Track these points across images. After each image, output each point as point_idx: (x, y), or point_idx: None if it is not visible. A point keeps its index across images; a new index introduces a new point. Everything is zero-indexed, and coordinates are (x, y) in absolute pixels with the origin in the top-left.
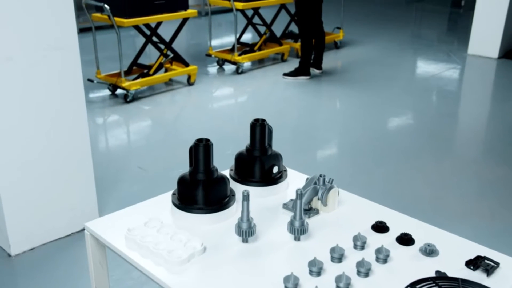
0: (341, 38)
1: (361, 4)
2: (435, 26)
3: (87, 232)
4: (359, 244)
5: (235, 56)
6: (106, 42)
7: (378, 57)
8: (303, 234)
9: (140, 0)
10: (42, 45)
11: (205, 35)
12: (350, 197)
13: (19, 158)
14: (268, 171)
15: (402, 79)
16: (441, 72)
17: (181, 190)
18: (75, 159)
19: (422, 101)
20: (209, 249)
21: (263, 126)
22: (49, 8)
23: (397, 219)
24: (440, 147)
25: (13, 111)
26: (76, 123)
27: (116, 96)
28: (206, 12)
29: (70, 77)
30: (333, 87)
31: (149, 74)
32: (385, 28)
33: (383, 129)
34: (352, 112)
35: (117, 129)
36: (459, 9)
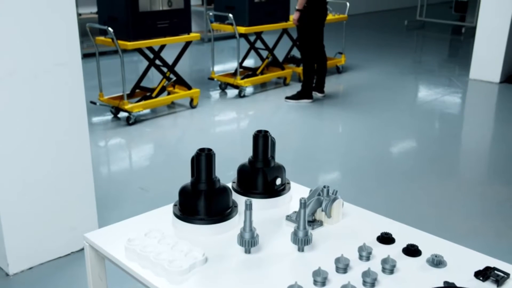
0: (343, 63)
1: (362, 30)
2: (436, 53)
3: (86, 243)
4: (365, 255)
5: (237, 80)
6: (110, 67)
7: (379, 82)
8: (307, 244)
9: (143, 23)
10: (45, 61)
11: (207, 61)
12: (354, 210)
13: (20, 175)
14: (271, 183)
15: (404, 102)
16: (443, 96)
17: (183, 201)
18: (76, 178)
19: (424, 124)
20: (211, 260)
21: (266, 137)
22: (52, 25)
23: (403, 231)
24: (444, 168)
25: (14, 127)
26: (78, 141)
27: (118, 119)
28: (209, 39)
29: (73, 94)
30: (336, 110)
31: (152, 96)
32: (386, 54)
33: (386, 150)
34: (354, 134)
35: (119, 150)
36: (460, 36)
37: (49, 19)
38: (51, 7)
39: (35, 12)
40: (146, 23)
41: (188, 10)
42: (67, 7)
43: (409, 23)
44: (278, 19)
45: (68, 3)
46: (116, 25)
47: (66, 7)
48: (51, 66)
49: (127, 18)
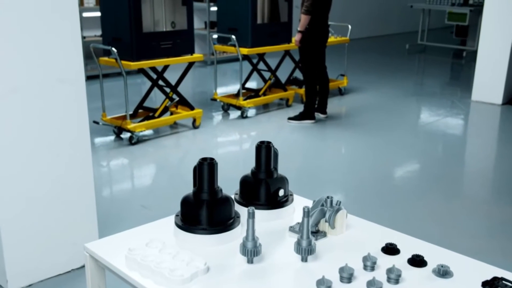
0: (345, 84)
1: (364, 54)
2: (438, 76)
3: (86, 253)
4: (369, 265)
5: (240, 101)
6: (113, 89)
7: (382, 103)
8: (310, 254)
9: (147, 44)
10: (49, 77)
11: (210, 83)
12: (358, 221)
13: (21, 191)
14: (274, 194)
15: (406, 123)
16: (445, 117)
17: (185, 210)
18: (78, 195)
19: (427, 144)
20: (213, 269)
21: (268, 148)
22: (56, 41)
23: (408, 242)
24: (448, 188)
25: (17, 143)
26: (81, 157)
27: (121, 139)
28: (212, 61)
29: (76, 110)
30: (338, 131)
31: (155, 116)
32: (388, 77)
33: (389, 170)
34: (357, 154)
35: (121, 169)
36: (461, 60)
37: (53, 36)
38: (55, 23)
39: (38, 28)
40: (149, 43)
41: (191, 31)
42: (71, 24)
43: (410, 47)
44: (280, 41)
45: (72, 20)
46: (120, 45)
47: (70, 24)
48: (55, 82)
49: (131, 39)
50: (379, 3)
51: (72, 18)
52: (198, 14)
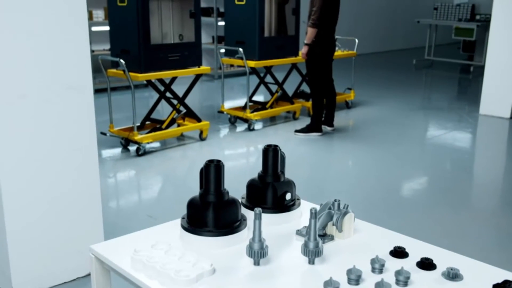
0: (352, 98)
1: (370, 68)
2: (445, 90)
3: (92, 255)
4: (377, 267)
5: (247, 113)
6: (121, 102)
7: (389, 117)
8: (318, 256)
9: (154, 56)
10: (57, 84)
11: (218, 97)
12: (365, 225)
13: (28, 198)
14: (281, 198)
15: (414, 136)
16: (453, 131)
17: (191, 213)
18: (84, 202)
19: (435, 157)
20: (219, 271)
21: (275, 151)
22: (64, 48)
23: (417, 246)
24: (456, 200)
25: (24, 151)
26: (88, 164)
27: (128, 151)
28: (219, 76)
29: (84, 117)
30: (345, 143)
31: (162, 128)
32: (395, 91)
33: (396, 182)
34: (364, 166)
35: (128, 180)
36: (468, 75)
37: (61, 42)
38: (64, 31)
39: (47, 34)
40: (157, 55)
41: (199, 44)
42: (80, 30)
43: (417, 62)
44: (287, 54)
45: (81, 27)
46: (128, 57)
47: (78, 31)
48: (63, 89)
49: (139, 51)
50: (385, 19)
51: (81, 26)
52: (206, 29)
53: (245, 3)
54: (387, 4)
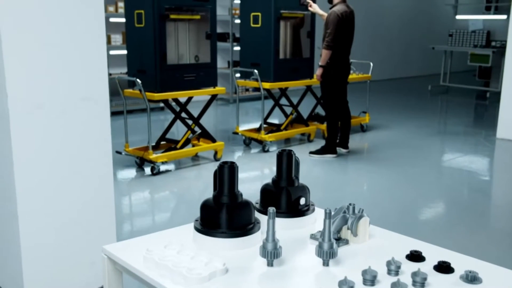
0: (367, 121)
1: (386, 94)
2: (461, 116)
3: (104, 255)
4: (393, 269)
5: (261, 134)
6: (136, 125)
7: (404, 140)
8: (332, 257)
9: (170, 75)
10: (73, 95)
11: (233, 121)
12: (381, 231)
13: (42, 208)
14: (295, 203)
15: (430, 159)
16: (470, 153)
17: (204, 214)
18: (99, 213)
19: (451, 179)
20: (232, 271)
21: (290, 156)
22: (82, 59)
23: (434, 250)
24: (474, 220)
25: (40, 161)
26: (101, 175)
27: (143, 170)
28: (234, 100)
29: (99, 128)
30: (360, 165)
31: (176, 148)
32: (410, 116)
33: (412, 203)
34: (380, 188)
35: (142, 199)
36: (485, 101)
37: (79, 54)
38: (82, 42)
39: (65, 45)
40: (173, 75)
41: (215, 65)
42: (98, 41)
43: (432, 88)
44: (302, 76)
45: (98, 37)
46: (144, 77)
47: (96, 41)
48: (79, 101)
49: (155, 71)
50: (400, 45)
51: (99, 38)
52: (222, 54)
53: (260, 26)
54: (402, 31)
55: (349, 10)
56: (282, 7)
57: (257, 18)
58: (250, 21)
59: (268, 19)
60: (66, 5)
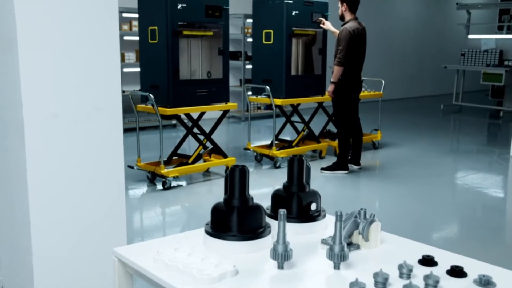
0: (379, 138)
1: (398, 112)
2: (474, 134)
3: (115, 258)
4: (405, 272)
5: (273, 151)
6: (148, 142)
7: (416, 158)
8: (343, 260)
9: (183, 91)
10: (87, 105)
11: (244, 138)
12: (392, 237)
13: (55, 217)
14: (306, 208)
15: (442, 177)
16: (483, 171)
17: (215, 218)
18: (110, 224)
19: (464, 195)
20: (242, 273)
21: (301, 161)
22: (96, 69)
23: (446, 256)
24: (487, 237)
25: (53, 170)
26: (113, 186)
27: (154, 185)
28: (246, 118)
29: (111, 139)
30: (372, 182)
31: (188, 163)
32: (422, 134)
33: (424, 218)
34: (391, 204)
35: (154, 214)
36: (498, 120)
37: (93, 63)
38: (97, 50)
39: (80, 55)
40: (185, 91)
41: (227, 80)
42: (112, 51)
43: (445, 107)
44: (314, 93)
45: (112, 48)
46: (157, 92)
47: (110, 51)
48: (92, 110)
49: (168, 86)
50: (412, 64)
51: (113, 47)
52: (234, 72)
53: (272, 43)
54: (415, 50)
55: (361, 27)
56: (294, 24)
57: (269, 35)
58: (263, 38)
59: (280, 36)
60: (82, 18)
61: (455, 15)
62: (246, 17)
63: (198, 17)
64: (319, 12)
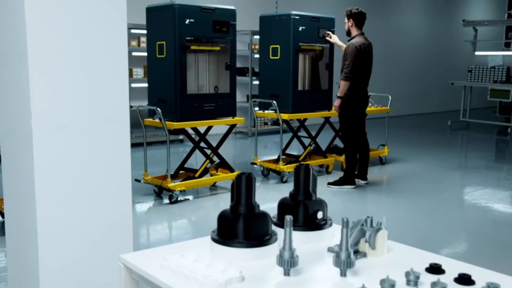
0: (386, 154)
1: (405, 129)
2: (482, 150)
3: (121, 264)
4: (412, 279)
5: (280, 165)
6: (156, 157)
7: (424, 173)
8: (349, 267)
9: (190, 105)
10: (95, 116)
11: (251, 153)
12: (399, 246)
13: (61, 227)
14: (313, 216)
15: (450, 191)
16: (491, 186)
17: (221, 225)
18: (117, 236)
19: (472, 210)
20: (248, 279)
21: (307, 169)
22: (105, 80)
23: (454, 264)
24: (496, 251)
25: (60, 179)
26: (121, 196)
27: (161, 198)
28: (253, 133)
29: (119, 149)
30: (379, 197)
31: (195, 177)
32: (429, 150)
33: (431, 233)
34: (398, 219)
35: (160, 226)
36: (506, 137)
37: (102, 75)
38: (105, 63)
39: (89, 67)
40: (192, 105)
41: (234, 95)
42: (120, 62)
43: (452, 124)
44: (320, 108)
45: (121, 60)
46: (164, 106)
47: (118, 62)
48: (101, 122)
49: (175, 100)
50: (419, 81)
51: (121, 60)
52: (241, 88)
53: (279, 58)
54: (421, 67)
55: (367, 42)
56: (301, 39)
57: (276, 50)
58: (270, 53)
59: (287, 51)
60: (92, 30)
61: (462, 31)
62: (253, 33)
63: (205, 32)
64: (325, 28)
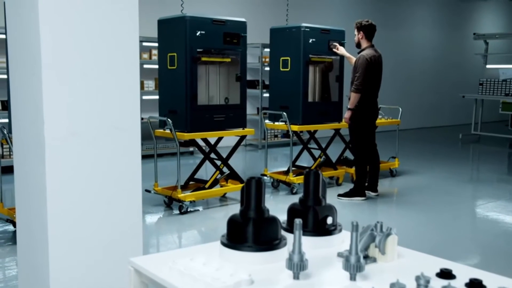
0: (396, 166)
1: (416, 141)
2: (494, 163)
3: (131, 267)
4: (423, 283)
5: (290, 176)
6: (166, 169)
7: (435, 186)
8: (359, 271)
9: (200, 116)
10: (105, 124)
11: (261, 165)
12: (410, 252)
13: (72, 235)
14: (322, 222)
15: (461, 203)
16: (504, 199)
17: (231, 229)
18: (126, 245)
19: (484, 223)
20: (257, 282)
21: (317, 175)
22: (116, 89)
23: (464, 269)
24: (510, 263)
25: (72, 186)
26: (131, 206)
27: (171, 209)
28: (263, 145)
29: (129, 157)
30: (389, 209)
31: (205, 188)
32: (441, 163)
33: (442, 245)
34: (409, 230)
35: (169, 237)
36: None
37: (114, 83)
38: (116, 72)
39: (102, 75)
40: (203, 116)
41: (244, 106)
42: (131, 71)
43: (463, 137)
44: (330, 120)
45: (132, 69)
46: (175, 117)
47: (130, 72)
48: (111, 130)
49: (186, 111)
50: (430, 94)
51: (132, 68)
52: (251, 100)
53: (289, 70)
54: (432, 80)
55: (378, 54)
56: (311, 51)
57: (286, 62)
58: (280, 65)
59: (297, 63)
60: (104, 37)
61: (473, 44)
62: (264, 46)
63: (216, 44)
64: (336, 40)
